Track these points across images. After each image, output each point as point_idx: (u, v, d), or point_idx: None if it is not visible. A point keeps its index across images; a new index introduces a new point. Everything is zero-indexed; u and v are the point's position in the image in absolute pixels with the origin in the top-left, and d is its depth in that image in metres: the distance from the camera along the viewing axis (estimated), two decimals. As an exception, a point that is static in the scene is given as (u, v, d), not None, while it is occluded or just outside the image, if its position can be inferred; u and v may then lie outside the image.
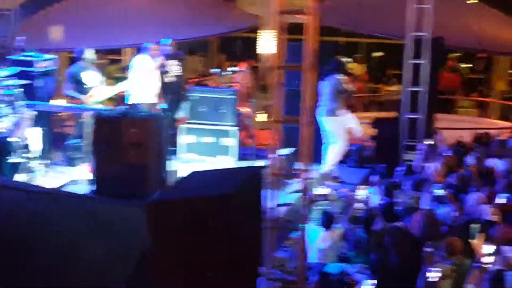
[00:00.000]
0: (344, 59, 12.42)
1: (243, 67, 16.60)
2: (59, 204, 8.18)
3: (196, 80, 20.48)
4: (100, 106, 12.35)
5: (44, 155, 11.48)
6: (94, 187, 9.84)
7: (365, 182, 11.61)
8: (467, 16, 17.10)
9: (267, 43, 18.96)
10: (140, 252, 7.42)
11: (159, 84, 13.33)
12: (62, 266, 7.09)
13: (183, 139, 13.31)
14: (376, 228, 8.75)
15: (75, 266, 7.16)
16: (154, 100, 13.13)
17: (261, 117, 15.95)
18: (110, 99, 13.77)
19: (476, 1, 16.65)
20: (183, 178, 7.31)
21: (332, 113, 12.16)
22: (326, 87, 12.13)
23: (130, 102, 12.93)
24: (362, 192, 9.54)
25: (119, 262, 7.47)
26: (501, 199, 8.99)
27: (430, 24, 13.10)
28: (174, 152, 12.49)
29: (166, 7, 17.03)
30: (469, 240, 7.27)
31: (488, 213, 8.61)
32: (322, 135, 12.25)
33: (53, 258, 7.14)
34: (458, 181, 10.11)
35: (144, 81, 13.09)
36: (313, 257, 9.13)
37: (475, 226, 7.63)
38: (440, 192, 9.09)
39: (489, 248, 6.99)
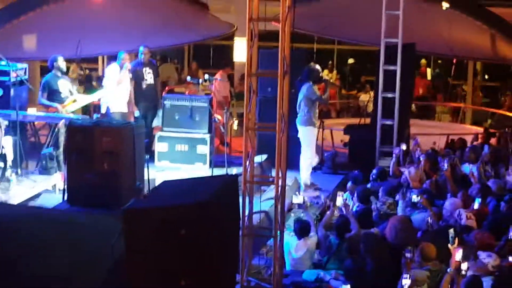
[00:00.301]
0: (316, 66, 12.41)
1: (219, 75, 16.62)
2: (29, 215, 8.15)
3: (172, 87, 20.44)
4: (73, 115, 12.31)
5: (17, 164, 11.41)
6: (66, 196, 9.78)
7: (340, 188, 11.63)
8: (439, 22, 17.17)
9: (242, 50, 18.96)
10: (112, 261, 7.39)
11: (130, 93, 13.36)
12: (31, 275, 7.07)
13: (157, 147, 13.29)
14: (351, 234, 8.76)
15: (45, 274, 7.13)
16: (126, 108, 13.15)
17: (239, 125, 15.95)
18: (85, 107, 13.75)
19: (447, 7, 16.74)
20: (157, 187, 7.29)
21: (306, 122, 12.16)
22: (300, 95, 12.16)
23: (103, 111, 12.94)
24: (337, 199, 9.54)
25: (90, 270, 7.45)
26: (476, 204, 9.04)
27: (401, 30, 13.15)
28: (149, 160, 12.46)
29: (140, 15, 16.98)
30: (448, 246, 7.29)
31: (464, 218, 8.64)
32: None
33: (22, 267, 7.11)
34: (433, 187, 10.16)
35: (116, 90, 13.11)
36: (287, 264, 9.14)
37: (451, 231, 7.65)
38: (415, 198, 9.12)
39: (461, 254, 7.02)
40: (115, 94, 13.13)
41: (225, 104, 15.53)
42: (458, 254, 7.05)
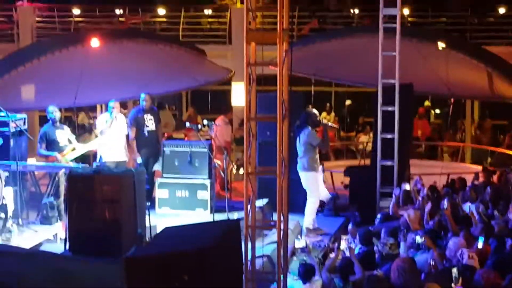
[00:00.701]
0: (314, 110, 12.41)
1: (221, 120, 16.70)
2: (31, 263, 8.11)
3: (170, 134, 20.51)
4: (73, 164, 12.32)
5: (18, 214, 11.39)
6: (68, 245, 9.75)
7: (342, 230, 11.58)
8: (435, 62, 17.24)
9: (240, 95, 19.05)
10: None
11: (126, 140, 13.36)
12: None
13: (158, 193, 13.27)
14: (355, 277, 8.70)
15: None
16: (122, 157, 13.13)
17: (241, 170, 15.96)
18: (83, 156, 13.75)
19: (443, 47, 16.83)
20: (159, 234, 7.27)
21: (307, 167, 12.12)
22: (299, 140, 12.12)
23: (98, 160, 12.95)
24: (341, 242, 9.50)
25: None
26: (480, 243, 8.99)
27: (398, 71, 13.19)
28: (150, 207, 12.44)
29: (137, 62, 17.06)
30: (452, 286, 7.25)
31: (466, 257, 8.59)
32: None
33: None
34: (437, 226, 10.12)
35: (107, 140, 13.12)
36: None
37: (455, 271, 7.61)
38: (419, 239, 9.07)
39: None
40: (107, 143, 13.17)
41: (227, 148, 15.55)
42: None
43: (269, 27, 19.33)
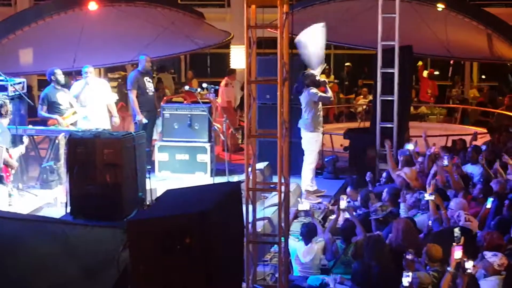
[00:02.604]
0: (310, 71, 12.33)
1: (225, 81, 16.72)
2: (31, 228, 8.14)
3: (170, 97, 20.50)
4: (73, 128, 12.31)
5: (18, 178, 11.41)
6: (69, 209, 9.77)
7: (341, 192, 11.63)
8: (435, 24, 17.20)
9: (240, 58, 19.03)
10: (118, 272, 7.39)
11: (103, 107, 13.17)
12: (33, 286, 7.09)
13: (157, 157, 13.28)
14: (357, 238, 8.76)
15: (49, 286, 7.14)
16: (102, 124, 12.57)
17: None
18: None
19: (443, 8, 16.77)
20: (160, 196, 7.29)
21: (310, 127, 12.09)
22: (302, 100, 12.08)
23: (79, 126, 12.60)
24: (340, 202, 9.55)
25: (95, 282, 7.44)
26: (489, 203, 9.06)
27: (397, 33, 13.16)
28: (150, 170, 12.45)
29: (136, 26, 17.01)
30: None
31: (462, 219, 8.64)
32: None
33: (25, 280, 7.12)
34: (444, 185, 10.20)
35: (88, 106, 13.00)
36: (295, 270, 9.14)
37: (457, 231, 7.67)
38: (428, 196, 9.09)
39: (460, 253, 7.04)
40: (83, 110, 12.98)
41: (230, 109, 15.58)
42: (457, 253, 7.07)
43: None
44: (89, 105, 12.95)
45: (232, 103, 17.37)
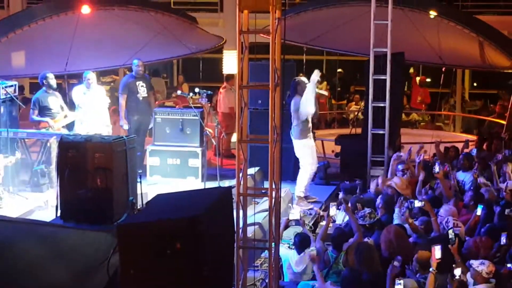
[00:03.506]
0: (302, 78, 12.36)
1: (224, 87, 16.73)
2: (21, 230, 8.14)
3: (162, 101, 20.49)
4: (65, 131, 12.31)
5: (9, 181, 11.39)
6: (59, 213, 9.75)
7: (332, 199, 11.63)
8: (427, 31, 17.22)
9: (232, 63, 19.01)
10: (107, 276, 7.38)
11: (103, 113, 13.17)
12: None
13: (149, 161, 13.27)
14: (348, 243, 8.76)
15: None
16: (100, 130, 12.63)
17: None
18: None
19: (435, 15, 16.80)
20: (151, 201, 7.28)
21: (299, 135, 12.12)
22: (291, 107, 12.10)
23: (77, 131, 12.63)
24: (331, 210, 9.55)
25: (83, 285, 7.43)
26: (479, 210, 9.08)
27: (390, 39, 13.19)
28: (141, 175, 12.43)
29: (129, 30, 17.00)
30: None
31: (451, 225, 8.66)
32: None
33: (15, 282, 7.11)
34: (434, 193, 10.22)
35: (86, 112, 12.97)
36: (285, 276, 9.14)
37: (451, 232, 7.69)
38: (418, 203, 9.10)
39: (439, 252, 7.07)
40: (83, 116, 13.02)
41: (232, 115, 15.56)
42: (437, 252, 7.08)
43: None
44: (88, 111, 12.95)
45: (234, 109, 17.35)
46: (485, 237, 8.32)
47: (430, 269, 7.16)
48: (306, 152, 12.22)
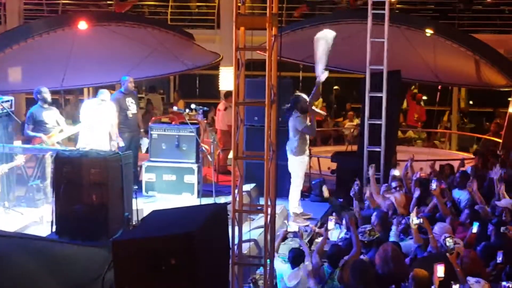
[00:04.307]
0: (303, 95, 12.40)
1: (223, 104, 16.76)
2: (16, 245, 8.12)
3: (159, 118, 20.52)
4: (59, 146, 12.30)
5: (4, 197, 11.38)
6: (54, 228, 9.75)
7: (328, 215, 11.62)
8: (423, 49, 17.26)
9: (228, 80, 19.04)
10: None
11: (109, 127, 13.17)
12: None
13: (144, 177, 13.26)
14: (345, 259, 8.74)
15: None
16: (102, 146, 12.60)
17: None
18: (69, 139, 13.71)
19: (431, 34, 16.85)
20: (146, 217, 7.27)
21: (295, 152, 12.16)
22: (290, 124, 12.14)
23: (80, 146, 12.64)
24: (329, 224, 9.54)
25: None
26: (475, 228, 9.06)
27: (386, 57, 13.23)
28: (137, 191, 12.42)
29: (125, 46, 17.02)
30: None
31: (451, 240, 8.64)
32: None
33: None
34: (431, 211, 10.20)
35: (92, 127, 12.95)
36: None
37: (449, 240, 7.67)
38: (416, 220, 9.08)
39: (442, 270, 7.05)
40: (88, 131, 12.95)
41: (231, 133, 15.53)
42: (440, 270, 7.07)
43: (258, 12, 19.30)
44: (95, 127, 12.91)
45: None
46: (473, 252, 8.31)
47: (432, 287, 7.14)
48: (301, 168, 12.25)
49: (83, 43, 16.10)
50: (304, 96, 12.33)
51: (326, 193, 10.38)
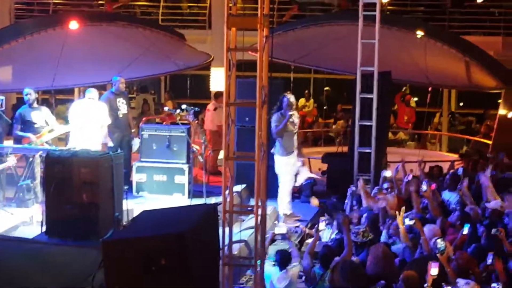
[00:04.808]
0: (290, 96, 12.39)
1: (213, 104, 16.76)
2: (5, 246, 8.11)
3: (150, 117, 20.51)
4: (49, 146, 12.28)
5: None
6: (45, 228, 9.73)
7: (318, 216, 11.62)
8: (414, 50, 17.29)
9: (219, 80, 19.04)
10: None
11: (99, 126, 13.16)
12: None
13: (135, 177, 13.24)
14: (336, 261, 8.74)
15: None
16: (93, 146, 12.49)
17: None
18: (60, 138, 13.68)
19: (422, 35, 16.88)
20: (137, 217, 7.28)
21: (278, 151, 12.17)
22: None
23: (70, 146, 12.60)
24: (320, 225, 9.55)
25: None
26: (466, 230, 9.07)
27: (377, 59, 13.25)
28: (128, 191, 12.40)
29: (116, 46, 17.00)
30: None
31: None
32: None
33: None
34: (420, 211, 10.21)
35: (82, 127, 12.94)
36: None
37: (440, 242, 7.68)
38: (408, 221, 9.09)
39: (436, 269, 7.07)
40: (78, 132, 12.92)
41: (220, 133, 15.56)
42: (433, 270, 7.08)
43: (249, 13, 19.35)
44: (85, 126, 12.89)
45: (222, 127, 17.34)
46: (466, 254, 8.33)
47: (425, 285, 7.15)
48: (287, 169, 12.26)
49: (74, 43, 16.07)
50: (292, 99, 12.29)
51: (315, 202, 10.37)
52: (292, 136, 12.31)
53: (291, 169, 12.44)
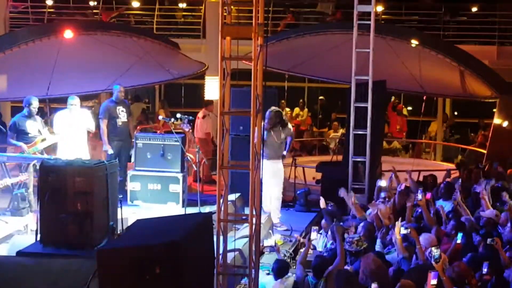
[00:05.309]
0: (275, 108, 12.43)
1: (202, 112, 16.77)
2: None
3: (145, 126, 20.52)
4: (41, 155, 12.27)
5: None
6: (39, 237, 9.70)
7: (313, 225, 11.62)
8: (409, 60, 17.33)
9: (214, 89, 19.07)
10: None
11: (84, 137, 13.21)
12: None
13: (130, 186, 13.23)
14: (329, 270, 8.74)
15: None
16: (81, 155, 12.47)
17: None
18: (50, 148, 13.65)
19: (417, 44, 16.92)
20: (131, 226, 7.27)
21: (265, 157, 12.19)
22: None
23: (58, 155, 12.59)
24: (312, 234, 9.54)
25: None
26: (459, 238, 9.08)
27: (371, 68, 13.27)
28: (123, 200, 12.39)
29: (111, 55, 17.00)
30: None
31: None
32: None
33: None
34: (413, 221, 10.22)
35: (68, 134, 12.99)
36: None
37: (434, 250, 7.68)
38: (403, 230, 9.09)
39: (436, 278, 7.07)
40: (65, 141, 13.06)
41: (208, 141, 15.56)
42: (433, 280, 7.08)
43: (244, 22, 19.38)
44: (71, 135, 12.92)
45: (210, 135, 17.44)
46: (461, 263, 8.33)
47: None
48: (266, 173, 12.27)
49: (69, 52, 16.08)
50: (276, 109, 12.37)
51: (323, 203, 10.40)
52: (276, 146, 12.31)
53: (275, 173, 12.39)
